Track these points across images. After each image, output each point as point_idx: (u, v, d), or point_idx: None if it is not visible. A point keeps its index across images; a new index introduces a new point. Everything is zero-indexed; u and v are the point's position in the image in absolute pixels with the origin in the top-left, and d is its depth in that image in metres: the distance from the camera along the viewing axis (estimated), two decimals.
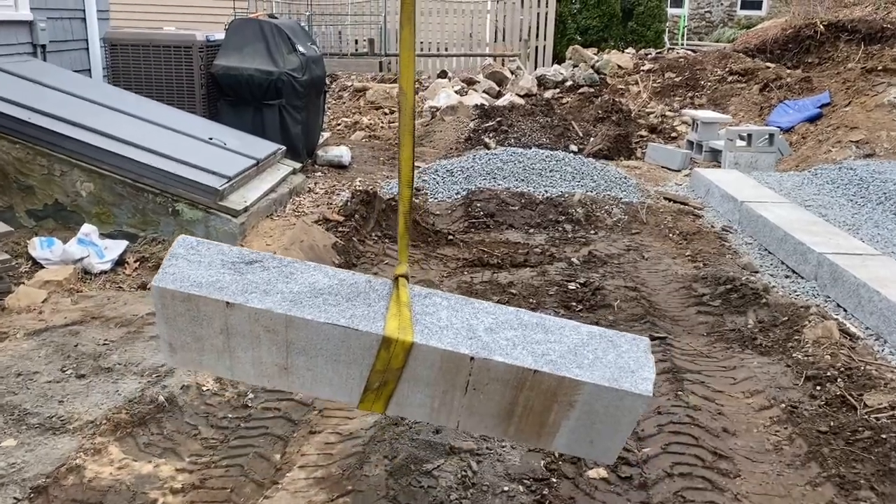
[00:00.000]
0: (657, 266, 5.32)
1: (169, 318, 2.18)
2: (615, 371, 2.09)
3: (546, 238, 5.95)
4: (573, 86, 12.38)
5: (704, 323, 4.35)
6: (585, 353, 2.13)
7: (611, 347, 2.17)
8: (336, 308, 2.13)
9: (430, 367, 2.13)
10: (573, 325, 2.23)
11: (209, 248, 2.26)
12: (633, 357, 2.15)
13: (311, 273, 2.25)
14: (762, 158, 7.86)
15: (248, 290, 2.13)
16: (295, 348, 2.16)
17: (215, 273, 2.16)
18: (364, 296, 2.19)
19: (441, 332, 2.12)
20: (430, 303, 2.21)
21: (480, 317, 2.20)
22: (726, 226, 6.19)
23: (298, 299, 2.13)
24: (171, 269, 2.16)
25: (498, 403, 2.16)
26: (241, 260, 2.24)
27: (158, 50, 7.09)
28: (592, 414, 2.13)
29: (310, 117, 7.55)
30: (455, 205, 6.55)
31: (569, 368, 2.08)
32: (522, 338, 2.15)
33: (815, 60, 13.49)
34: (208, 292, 2.11)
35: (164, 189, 5.24)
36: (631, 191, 6.74)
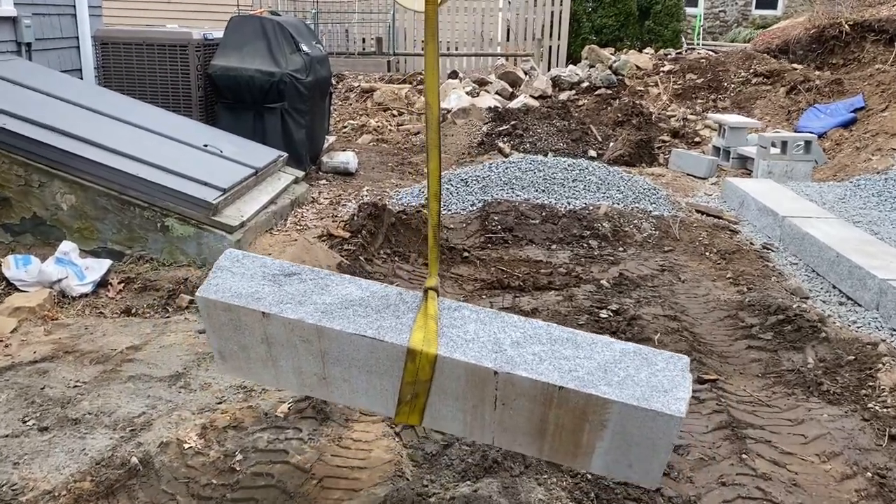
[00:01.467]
0: (696, 290, 4.81)
1: (215, 328, 2.31)
2: (647, 390, 2.00)
3: (570, 255, 5.45)
4: (590, 87, 11.86)
5: (757, 361, 3.84)
6: (616, 370, 2.06)
7: (645, 365, 2.07)
8: (365, 319, 2.17)
9: (457, 381, 2.12)
10: (606, 341, 2.16)
11: (253, 261, 2.37)
12: (669, 376, 2.04)
13: (346, 285, 2.30)
14: (798, 167, 7.34)
15: (283, 300, 2.22)
16: (330, 358, 2.22)
17: (255, 285, 2.27)
18: (394, 308, 2.22)
19: (466, 345, 2.11)
20: (458, 315, 2.21)
21: (508, 330, 2.17)
22: (767, 243, 5.67)
23: (330, 310, 2.19)
24: (215, 281, 2.28)
25: (528, 420, 2.12)
26: (281, 272, 2.33)
27: (152, 49, 6.61)
28: (626, 435, 2.04)
29: (314, 121, 7.06)
30: (470, 217, 6.05)
31: (596, 386, 2.00)
32: (550, 353, 2.10)
33: (839, 61, 12.96)
34: (246, 303, 2.20)
35: (153, 202, 4.76)
36: (661, 203, 6.22)
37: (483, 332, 2.16)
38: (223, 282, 2.28)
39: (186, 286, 4.53)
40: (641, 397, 1.98)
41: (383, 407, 2.27)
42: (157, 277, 4.62)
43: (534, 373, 2.04)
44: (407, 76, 13.00)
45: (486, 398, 2.13)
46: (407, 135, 10.41)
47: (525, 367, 2.05)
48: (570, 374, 2.04)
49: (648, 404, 1.96)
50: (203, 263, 4.77)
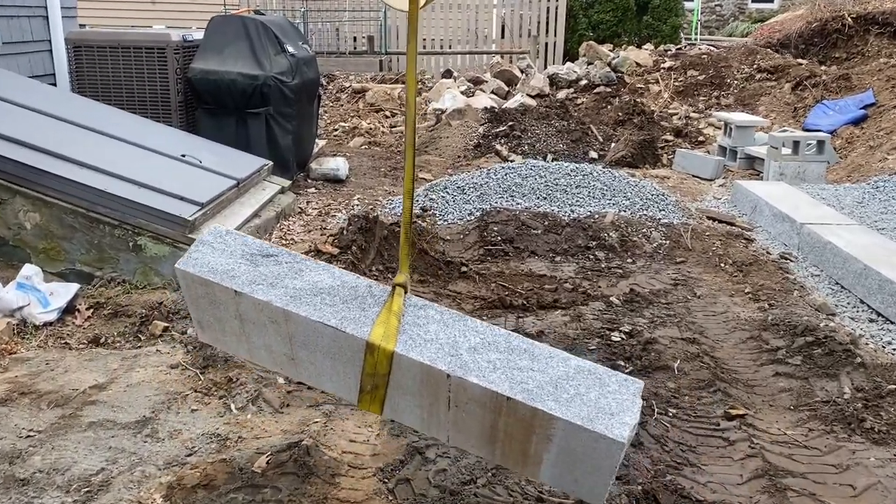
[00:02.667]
0: (714, 307, 4.45)
1: (192, 300, 2.38)
2: (593, 410, 1.99)
3: (576, 268, 5.09)
4: (588, 85, 11.49)
5: (787, 391, 3.49)
6: (567, 387, 2.06)
7: (596, 385, 2.06)
8: (331, 308, 2.20)
9: (413, 378, 2.14)
10: (563, 357, 2.15)
11: (235, 239, 2.40)
12: (618, 399, 2.03)
13: (319, 272, 2.33)
14: (810, 168, 6.99)
15: (256, 281, 2.25)
16: (297, 341, 2.26)
17: (233, 262, 2.30)
18: (361, 300, 2.24)
19: (424, 345, 2.13)
20: (422, 314, 2.23)
21: (469, 335, 2.18)
22: (785, 253, 5.32)
23: (299, 295, 2.22)
24: (195, 255, 2.31)
25: (479, 424, 2.14)
26: (260, 252, 2.36)
27: (128, 52, 6.23)
28: (571, 452, 2.04)
29: (301, 126, 6.68)
30: (468, 228, 5.68)
31: (543, 401, 2.01)
32: (506, 362, 2.10)
33: (843, 55, 12.64)
34: (221, 279, 2.24)
35: (124, 220, 4.39)
36: (670, 210, 5.86)
37: (443, 333, 2.17)
38: (203, 256, 2.31)
39: (160, 311, 4.16)
40: (586, 417, 1.97)
41: (346, 393, 2.32)
42: (128, 302, 4.25)
43: (485, 381, 2.04)
44: (399, 76, 12.62)
45: (440, 398, 2.14)
46: (400, 137, 10.03)
47: (477, 374, 2.06)
48: (521, 386, 2.03)
49: (592, 425, 1.95)
50: (179, 286, 4.38)
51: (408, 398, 2.21)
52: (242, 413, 3.13)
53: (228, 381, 3.31)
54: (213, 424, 3.04)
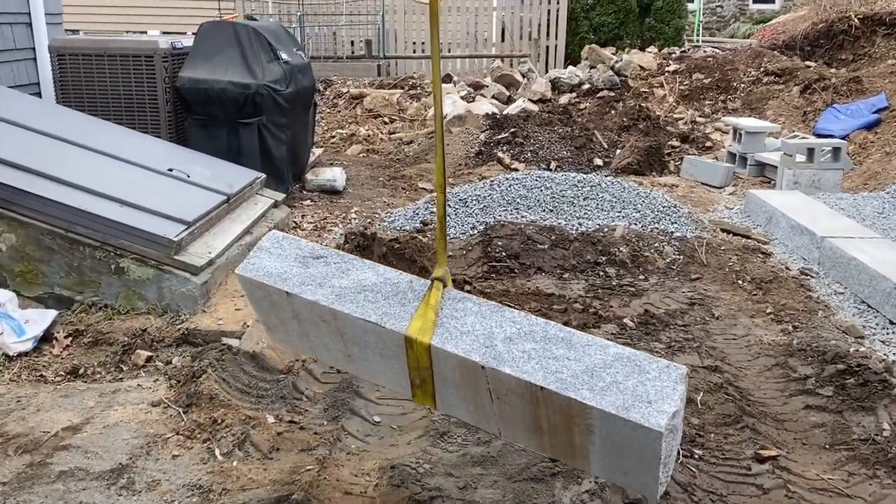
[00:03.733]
0: (734, 329, 4.18)
1: (255, 303, 2.54)
2: (629, 399, 1.93)
3: (585, 286, 4.82)
4: (591, 89, 11.23)
5: (821, 426, 3.22)
6: (603, 375, 2.00)
7: (635, 373, 2.00)
8: (373, 304, 2.26)
9: (453, 371, 2.17)
10: (602, 344, 2.10)
11: (290, 243, 2.51)
12: (657, 386, 1.95)
13: (364, 271, 2.40)
14: (825, 176, 6.73)
15: (305, 282, 2.35)
16: (347, 338, 2.36)
17: (286, 265, 2.41)
18: (402, 295, 2.29)
19: (460, 337, 2.15)
20: (460, 307, 2.25)
21: (505, 326, 2.17)
22: (805, 268, 5.05)
23: (344, 293, 2.30)
24: (253, 260, 2.44)
25: (523, 415, 2.14)
26: (311, 255, 2.46)
27: (114, 60, 5.95)
28: (613, 442, 2.00)
29: (296, 136, 6.42)
30: (471, 243, 5.41)
31: (577, 390, 1.97)
32: (541, 351, 2.08)
33: (849, 57, 12.42)
34: (274, 282, 2.36)
35: (105, 241, 4.12)
36: (682, 222, 5.59)
37: (480, 325, 2.17)
38: (259, 261, 2.44)
39: (144, 339, 3.89)
40: (622, 406, 1.91)
41: (401, 388, 2.39)
42: (110, 329, 3.98)
43: (518, 371, 2.03)
44: (398, 80, 12.35)
45: (482, 390, 2.16)
46: (399, 144, 9.76)
47: (511, 365, 2.05)
48: (555, 376, 2.00)
49: (627, 414, 1.89)
50: (165, 310, 4.12)
51: (453, 391, 2.25)
52: (228, 459, 2.86)
53: (213, 422, 3.04)
54: (195, 473, 2.77)
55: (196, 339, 3.94)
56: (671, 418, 1.88)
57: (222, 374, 3.35)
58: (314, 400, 3.38)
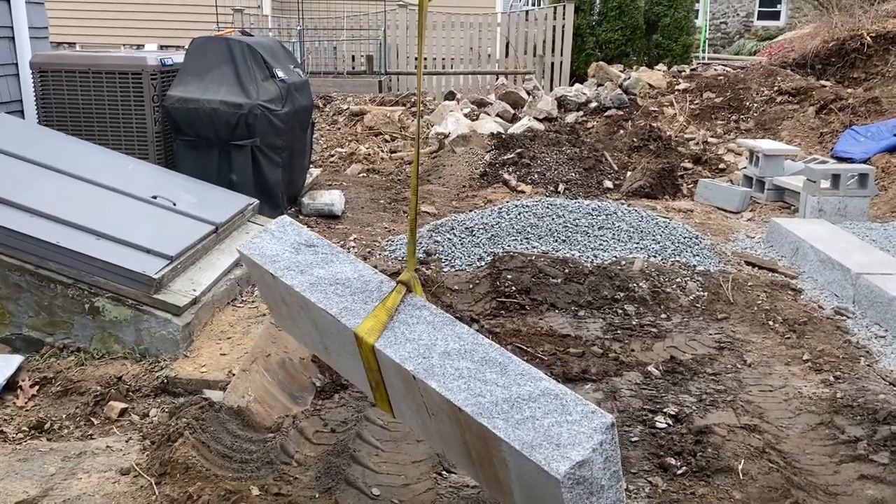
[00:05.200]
0: (769, 379, 3.80)
1: (256, 280, 2.89)
2: (540, 437, 1.82)
3: (603, 326, 4.45)
4: (598, 108, 10.91)
5: (880, 503, 2.83)
6: (524, 407, 1.91)
7: (556, 411, 1.89)
8: (339, 298, 2.32)
9: (396, 377, 2.16)
10: (536, 377, 2.00)
11: (293, 229, 2.62)
12: (573, 430, 1.83)
13: (345, 264, 2.47)
14: (852, 204, 6.37)
15: (290, 267, 2.45)
16: (321, 329, 2.44)
17: (280, 249, 2.52)
18: (368, 293, 2.33)
19: (403, 343, 2.14)
20: (417, 314, 2.23)
21: (450, 340, 2.14)
22: (840, 307, 4.67)
23: (318, 283, 2.37)
24: (256, 241, 2.58)
25: (455, 438, 2.08)
26: (305, 242, 2.56)
27: (100, 77, 5.61)
28: (525, 483, 1.89)
29: (292, 158, 6.06)
30: (478, 275, 5.04)
31: (491, 418, 1.89)
32: (474, 372, 2.02)
33: (861, 76, 12.14)
34: (264, 262, 2.49)
35: (79, 278, 3.74)
36: (705, 255, 5.23)
37: (427, 335, 2.15)
38: (261, 242, 2.54)
39: (119, 389, 3.50)
40: (528, 443, 1.82)
41: (365, 389, 2.39)
42: (81, 377, 3.59)
43: (443, 387, 1.98)
44: (400, 97, 12.03)
45: (419, 403, 2.12)
46: (400, 164, 9.42)
47: (439, 379, 2.00)
48: (476, 399, 1.94)
49: (530, 453, 1.80)
50: (143, 355, 3.74)
51: (401, 399, 2.23)
52: None
53: (188, 498, 2.65)
54: None
55: (176, 388, 3.56)
56: (576, 467, 1.74)
57: (202, 436, 2.97)
58: (305, 465, 3.00)
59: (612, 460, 1.83)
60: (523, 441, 1.82)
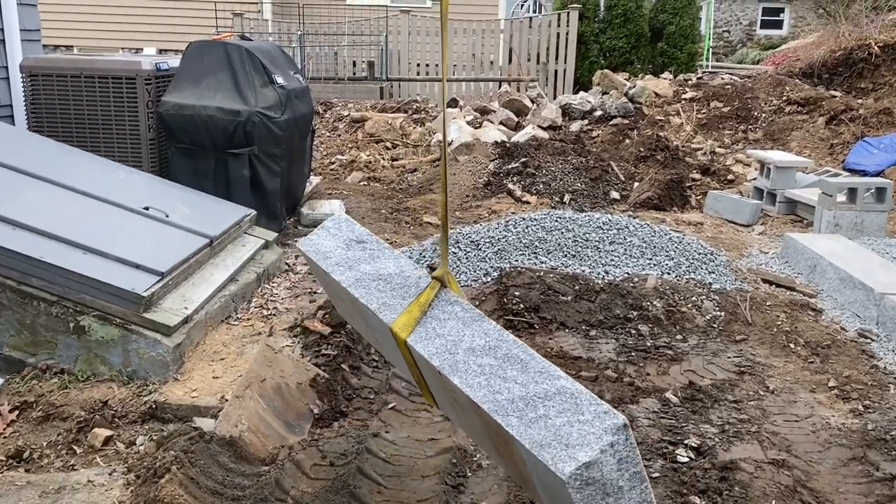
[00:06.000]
0: (794, 408, 3.59)
1: (314, 273, 3.04)
2: (550, 436, 1.81)
3: (616, 347, 4.24)
4: (603, 116, 10.71)
5: None
6: (538, 405, 1.90)
7: (570, 411, 1.86)
8: (379, 293, 2.39)
9: (428, 371, 2.20)
10: (554, 375, 1.98)
11: (347, 226, 2.71)
12: (584, 430, 1.80)
13: (387, 260, 2.54)
14: (869, 219, 6.17)
15: (341, 263, 2.55)
16: (369, 324, 2.54)
17: (334, 245, 2.62)
18: (407, 289, 2.37)
19: (433, 339, 2.18)
20: (449, 310, 2.26)
21: (476, 336, 2.16)
22: (863, 329, 4.46)
23: (363, 279, 2.46)
24: (313, 237, 2.70)
25: (483, 432, 2.10)
26: (356, 239, 2.65)
27: (92, 82, 5.41)
28: (542, 482, 1.89)
29: (292, 167, 5.85)
30: (485, 292, 4.83)
31: (506, 415, 1.90)
32: (495, 369, 2.04)
33: (868, 86, 11.98)
34: (318, 259, 2.60)
35: (63, 295, 3.53)
36: (721, 272, 5.02)
37: (455, 331, 2.18)
38: (318, 239, 2.65)
39: (104, 415, 3.30)
40: (538, 442, 1.83)
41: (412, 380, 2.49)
42: (65, 401, 3.38)
43: (464, 383, 2.02)
44: (401, 104, 11.83)
45: (450, 397, 2.14)
46: (402, 172, 9.22)
47: (461, 375, 2.04)
48: (494, 396, 1.97)
49: (539, 452, 1.80)
50: (130, 378, 3.53)
51: (437, 391, 2.28)
52: None
53: None
54: None
55: (165, 413, 3.35)
56: (583, 468, 1.72)
57: (190, 470, 2.75)
58: (302, 502, 2.78)
59: (630, 461, 1.78)
60: (534, 440, 1.82)
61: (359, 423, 3.30)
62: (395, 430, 3.25)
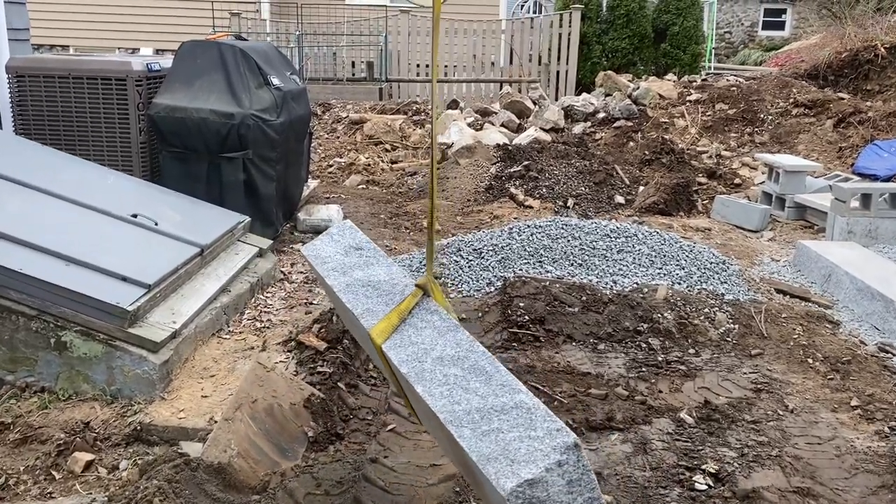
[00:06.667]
0: (816, 430, 3.40)
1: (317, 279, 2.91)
2: (498, 450, 1.77)
3: (626, 362, 4.04)
4: (607, 118, 10.53)
5: None
6: (493, 419, 1.87)
7: (523, 426, 1.84)
8: (366, 299, 2.41)
9: (401, 378, 2.17)
10: (515, 388, 1.96)
11: (349, 234, 2.77)
12: (532, 447, 1.76)
13: (379, 267, 2.57)
14: (884, 225, 5.98)
15: (336, 268, 2.57)
16: (358, 332, 2.60)
17: (333, 251, 2.67)
18: (392, 296, 2.39)
19: (406, 346, 2.18)
20: (427, 319, 2.27)
21: (448, 346, 2.15)
22: (884, 343, 4.27)
23: (353, 284, 2.48)
24: (316, 243, 2.73)
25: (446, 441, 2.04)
26: (354, 246, 2.70)
27: (81, 83, 5.22)
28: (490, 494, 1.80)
29: (287, 171, 5.66)
30: (488, 303, 4.64)
31: (460, 426, 1.87)
32: (460, 380, 2.03)
33: (875, 87, 11.80)
34: (317, 264, 2.63)
35: (44, 309, 3.34)
36: (734, 282, 4.83)
37: (429, 340, 2.18)
38: (321, 244, 2.72)
39: (85, 438, 3.11)
40: (486, 456, 1.77)
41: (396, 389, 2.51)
42: (44, 422, 3.19)
43: (426, 391, 2.00)
44: (401, 105, 11.64)
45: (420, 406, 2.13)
46: (401, 175, 9.03)
47: (425, 384, 2.03)
48: (453, 406, 1.94)
49: (484, 466, 1.75)
50: (114, 397, 3.34)
51: (414, 402, 2.26)
52: None
53: None
54: None
55: (151, 435, 3.16)
56: (525, 486, 1.67)
57: (175, 502, 2.56)
58: None
59: (584, 485, 1.72)
60: (482, 453, 1.79)
61: (356, 447, 3.11)
62: (395, 455, 3.06)
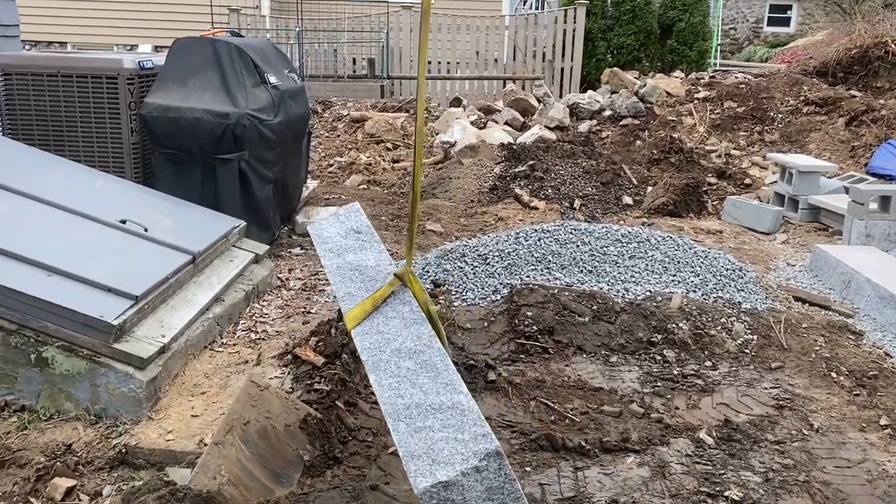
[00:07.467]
0: (845, 451, 3.20)
1: None
2: (425, 449, 1.82)
3: (640, 376, 3.85)
4: (613, 116, 10.31)
5: None
6: (429, 417, 1.92)
7: (453, 427, 1.88)
8: (350, 283, 2.47)
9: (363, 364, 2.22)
10: (457, 389, 2.01)
11: (354, 217, 2.81)
12: (454, 450, 1.80)
13: (370, 252, 2.64)
14: None
15: (333, 249, 2.64)
16: None
17: (335, 232, 2.73)
18: (375, 282, 2.45)
19: (372, 334, 2.23)
20: (399, 310, 2.32)
21: (408, 340, 2.20)
22: None
23: (343, 266, 2.55)
24: (323, 222, 2.83)
25: None
26: (354, 229, 2.74)
27: (70, 81, 5.02)
28: None
29: (285, 173, 5.46)
30: (494, 311, 4.43)
31: (397, 419, 1.93)
32: (411, 373, 2.07)
33: (885, 85, 11.60)
34: (317, 243, 2.72)
35: (24, 323, 3.15)
36: (751, 290, 4.62)
37: (394, 330, 2.23)
38: (327, 224, 2.80)
39: (67, 461, 2.91)
40: (412, 453, 1.82)
41: None
42: (23, 444, 3.00)
43: (377, 381, 2.04)
44: (402, 103, 11.42)
45: None
46: (403, 174, 8.82)
47: (378, 374, 2.07)
48: (396, 399, 1.97)
49: (407, 462, 1.80)
50: (99, 416, 3.14)
51: None
52: None
53: None
54: None
55: (137, 458, 2.97)
56: (440, 487, 1.70)
57: None
58: None
59: (505, 493, 1.73)
60: (409, 449, 1.82)
61: (355, 472, 2.91)
62: (397, 482, 2.86)
